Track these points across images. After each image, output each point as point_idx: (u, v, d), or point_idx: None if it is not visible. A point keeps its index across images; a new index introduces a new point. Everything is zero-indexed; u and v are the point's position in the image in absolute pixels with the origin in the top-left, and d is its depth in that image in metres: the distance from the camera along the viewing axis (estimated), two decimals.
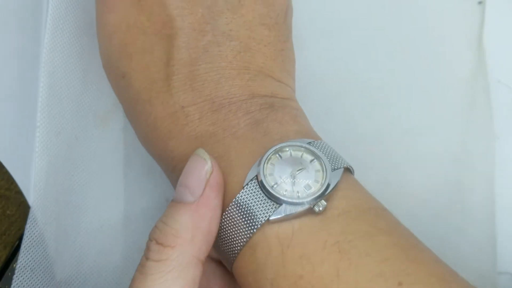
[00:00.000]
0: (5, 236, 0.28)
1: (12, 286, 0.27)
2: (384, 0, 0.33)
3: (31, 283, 0.28)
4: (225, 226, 0.22)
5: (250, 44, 0.25)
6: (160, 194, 0.33)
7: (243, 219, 0.21)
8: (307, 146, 0.23)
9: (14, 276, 0.27)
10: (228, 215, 0.22)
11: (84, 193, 0.31)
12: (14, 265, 0.28)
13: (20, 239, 0.28)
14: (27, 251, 0.28)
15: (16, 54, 0.26)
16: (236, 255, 0.22)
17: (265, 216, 0.21)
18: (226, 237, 0.22)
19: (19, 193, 0.27)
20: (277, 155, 0.22)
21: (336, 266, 0.20)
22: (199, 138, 0.24)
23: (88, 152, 0.31)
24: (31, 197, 0.28)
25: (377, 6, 0.33)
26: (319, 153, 0.22)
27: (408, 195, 0.25)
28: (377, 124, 0.32)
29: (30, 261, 0.28)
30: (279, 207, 0.21)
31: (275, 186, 0.21)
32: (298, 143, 0.23)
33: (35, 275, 0.29)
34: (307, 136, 0.24)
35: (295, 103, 0.26)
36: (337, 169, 0.22)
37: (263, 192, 0.21)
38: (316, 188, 0.21)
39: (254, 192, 0.22)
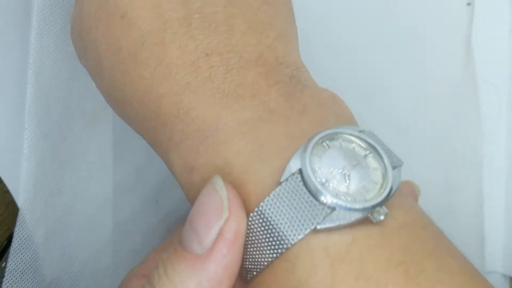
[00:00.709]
0: None
1: None
2: (371, 1, 0.33)
3: (21, 285, 0.29)
4: (252, 230, 0.17)
5: None
6: (150, 194, 0.33)
7: (281, 224, 0.17)
8: (361, 135, 0.18)
9: (4, 279, 0.28)
10: (258, 217, 0.17)
11: (73, 194, 0.31)
12: (3, 265, 0.28)
13: (8, 238, 0.28)
14: (17, 254, 0.28)
15: (5, 55, 0.27)
16: (262, 267, 0.17)
17: (312, 223, 0.16)
18: (253, 243, 0.18)
19: (7, 192, 0.27)
20: (325, 144, 0.18)
21: None
22: (224, 99, 0.19)
23: (76, 153, 0.31)
24: (19, 199, 0.28)
25: (363, 7, 0.33)
26: (377, 146, 0.18)
27: None
28: (363, 124, 0.32)
29: (19, 263, 0.28)
30: (330, 212, 0.17)
31: (323, 186, 0.17)
32: (350, 131, 0.18)
33: (25, 277, 0.29)
34: (351, 122, 0.20)
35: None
36: (396, 167, 0.18)
37: (309, 192, 0.17)
38: (375, 192, 0.17)
39: (297, 190, 0.17)
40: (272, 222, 0.17)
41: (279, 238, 0.17)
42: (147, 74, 0.20)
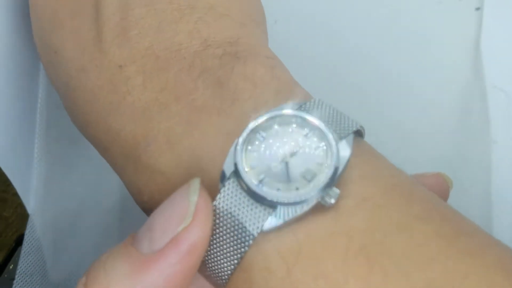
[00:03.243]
0: (1, 238, 0.28)
1: None
2: (380, 5, 0.33)
3: (30, 287, 0.29)
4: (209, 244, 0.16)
5: None
6: None
7: (230, 234, 0.16)
8: (298, 113, 0.16)
9: (14, 281, 0.28)
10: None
11: (82, 199, 0.31)
12: (11, 267, 0.28)
13: (16, 241, 0.29)
14: (27, 256, 0.28)
15: (16, 60, 0.27)
16: (225, 281, 0.16)
17: (256, 228, 0.15)
18: (212, 257, 0.16)
19: (16, 195, 0.28)
20: (258, 135, 0.16)
21: (367, 283, 0.14)
22: (146, 112, 0.18)
23: (86, 158, 0.31)
24: (30, 203, 0.28)
25: (372, 11, 0.33)
26: (316, 121, 0.16)
27: None
28: (371, 129, 0.32)
29: (29, 266, 0.28)
30: (273, 211, 0.15)
31: (262, 182, 0.15)
32: (285, 111, 0.16)
33: (34, 280, 0.29)
34: (294, 95, 0.18)
35: (267, 50, 0.20)
36: (345, 136, 0.16)
37: (248, 194, 0.16)
38: (321, 174, 0.15)
39: (236, 195, 0.16)
40: (220, 235, 0.16)
41: (230, 250, 0.16)
42: (80, 101, 0.20)
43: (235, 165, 0.16)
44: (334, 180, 0.15)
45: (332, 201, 0.15)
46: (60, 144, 0.29)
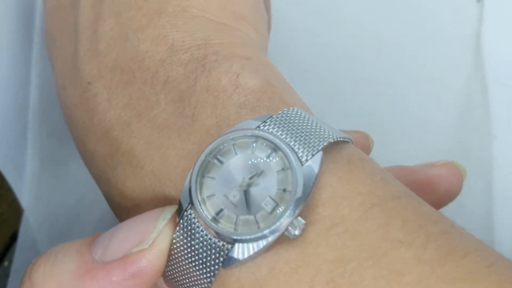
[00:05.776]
0: None
1: None
2: None
3: None
4: (175, 275, 0.16)
5: None
6: None
7: (193, 267, 0.15)
8: (259, 133, 0.15)
9: (9, 278, 0.28)
10: (174, 260, 0.15)
11: (77, 194, 0.31)
12: (6, 264, 0.28)
13: (11, 238, 0.28)
14: (22, 254, 0.28)
15: (9, 55, 0.27)
16: None
17: (216, 265, 0.14)
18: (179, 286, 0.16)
19: (10, 190, 0.27)
20: (215, 161, 0.15)
21: None
22: (110, 132, 0.17)
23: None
24: (24, 200, 0.28)
25: (372, 4, 0.33)
26: (277, 140, 0.14)
27: None
28: (372, 124, 0.32)
29: (25, 263, 0.28)
30: (231, 247, 0.14)
31: (220, 215, 0.15)
32: (241, 133, 0.15)
33: None
34: (259, 108, 0.16)
35: (245, 49, 0.18)
36: (316, 153, 0.14)
37: (206, 228, 0.15)
38: (283, 203, 0.14)
39: (192, 230, 0.15)
40: (182, 273, 0.15)
41: (194, 285, 0.15)
42: (65, 118, 0.20)
43: (191, 195, 0.15)
44: (298, 208, 0.14)
45: (297, 232, 0.14)
46: (53, 140, 0.29)
